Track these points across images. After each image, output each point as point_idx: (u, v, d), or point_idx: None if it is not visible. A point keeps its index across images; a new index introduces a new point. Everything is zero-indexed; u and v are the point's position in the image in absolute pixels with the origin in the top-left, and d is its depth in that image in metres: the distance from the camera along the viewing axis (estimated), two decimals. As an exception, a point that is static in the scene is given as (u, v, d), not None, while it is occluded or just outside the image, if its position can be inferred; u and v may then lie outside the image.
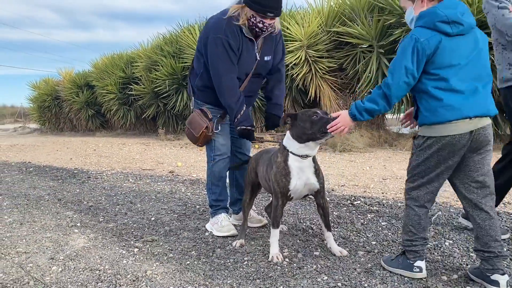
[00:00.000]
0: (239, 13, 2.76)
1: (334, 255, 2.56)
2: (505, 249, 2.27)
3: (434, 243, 2.70)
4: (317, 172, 2.54)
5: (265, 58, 2.97)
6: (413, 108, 2.30)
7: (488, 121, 2.07)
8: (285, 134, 2.58)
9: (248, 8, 2.71)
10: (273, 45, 2.99)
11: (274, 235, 2.57)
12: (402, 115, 2.49)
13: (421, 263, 2.20)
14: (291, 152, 2.47)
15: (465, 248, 2.60)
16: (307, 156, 2.47)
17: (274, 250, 2.54)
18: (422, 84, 2.06)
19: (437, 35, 2.00)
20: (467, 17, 2.04)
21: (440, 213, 3.36)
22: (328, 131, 2.30)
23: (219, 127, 3.02)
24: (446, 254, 2.53)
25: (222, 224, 3.05)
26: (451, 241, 2.73)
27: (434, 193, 2.21)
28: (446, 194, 4.04)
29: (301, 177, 2.48)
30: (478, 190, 2.11)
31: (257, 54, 2.91)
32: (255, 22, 2.75)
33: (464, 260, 2.43)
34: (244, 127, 2.85)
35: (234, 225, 3.12)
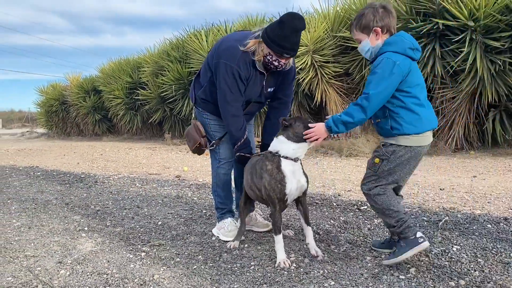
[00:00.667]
0: (256, 48, 2.76)
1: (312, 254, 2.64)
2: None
3: (441, 248, 2.69)
4: (304, 173, 2.65)
5: (269, 90, 2.99)
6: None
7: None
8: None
9: (266, 45, 2.71)
10: (280, 77, 2.99)
11: (279, 241, 2.57)
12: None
13: (420, 233, 2.33)
14: (283, 157, 2.52)
15: (473, 254, 2.58)
16: (298, 158, 2.56)
17: (281, 256, 2.55)
18: (400, 100, 2.31)
19: (407, 59, 2.30)
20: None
21: (447, 218, 3.35)
22: (304, 137, 2.48)
23: (214, 145, 3.07)
24: (453, 259, 2.51)
25: (228, 229, 3.07)
26: (458, 247, 2.71)
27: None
28: (454, 200, 4.03)
29: (293, 180, 2.54)
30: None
31: (263, 86, 2.93)
32: (271, 60, 2.76)
33: (472, 265, 2.42)
34: (243, 154, 2.91)
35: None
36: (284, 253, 2.56)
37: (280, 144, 2.55)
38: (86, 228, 3.44)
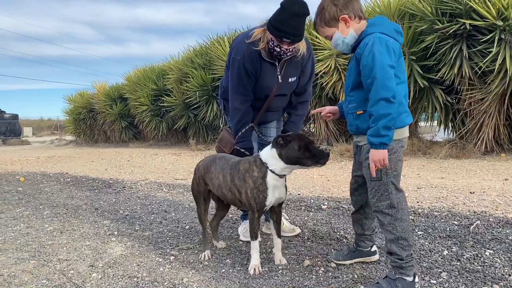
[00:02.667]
0: (261, 37, 2.80)
1: (275, 263, 2.64)
2: None
3: (473, 252, 2.63)
4: (285, 186, 2.59)
5: (290, 80, 2.97)
6: (331, 107, 2.51)
7: None
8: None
9: (268, 31, 2.75)
10: (299, 66, 2.98)
11: (254, 247, 2.54)
12: (323, 109, 2.52)
13: (417, 277, 2.16)
14: (270, 170, 2.44)
15: (507, 258, 2.52)
16: (284, 175, 2.48)
17: (255, 261, 2.53)
18: None
19: (396, 42, 2.10)
20: None
21: (478, 222, 3.27)
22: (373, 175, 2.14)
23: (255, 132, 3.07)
24: (487, 264, 2.45)
25: (247, 230, 3.12)
26: (491, 251, 2.65)
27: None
28: (485, 203, 3.93)
29: (275, 193, 2.49)
30: None
31: (279, 76, 2.91)
32: (272, 46, 2.77)
33: (506, 270, 2.35)
34: (238, 148, 2.94)
35: (266, 233, 3.15)
36: (258, 260, 2.55)
37: (270, 158, 2.45)
38: (115, 233, 3.50)
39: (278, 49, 2.77)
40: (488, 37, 6.54)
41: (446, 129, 8.44)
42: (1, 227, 3.82)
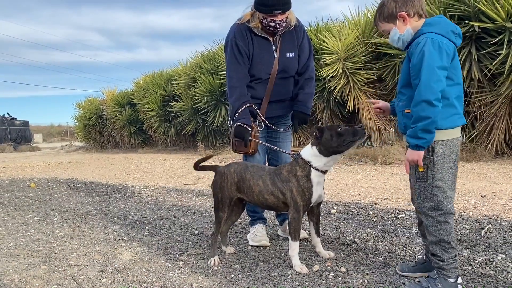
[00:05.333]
0: (251, 18, 2.95)
1: (325, 258, 2.74)
2: None
3: (485, 257, 2.60)
4: (323, 185, 2.69)
5: (287, 55, 3.04)
6: (384, 102, 2.49)
7: None
8: (296, 151, 2.75)
9: (258, 12, 2.88)
10: (295, 41, 3.06)
11: (294, 248, 2.61)
12: (376, 102, 2.51)
13: (460, 279, 2.16)
14: (314, 168, 2.55)
15: (520, 263, 2.49)
16: (327, 171, 2.60)
17: (298, 261, 2.60)
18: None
19: (450, 43, 2.06)
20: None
21: (490, 226, 3.24)
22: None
23: (262, 125, 3.09)
24: (499, 268, 2.43)
25: (256, 234, 3.15)
26: (503, 255, 2.62)
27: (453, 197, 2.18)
28: (496, 207, 3.89)
29: (318, 190, 2.59)
30: None
31: (274, 52, 3.00)
32: (267, 23, 2.90)
33: (519, 275, 2.32)
34: (240, 124, 2.92)
35: (280, 236, 3.16)
36: (299, 260, 2.61)
37: (312, 156, 2.57)
38: (125, 238, 3.52)
39: (272, 24, 2.89)
40: (497, 39, 6.49)
41: (456, 132, 8.36)
42: (12, 232, 3.86)
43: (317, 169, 2.55)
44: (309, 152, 2.59)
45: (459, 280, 2.13)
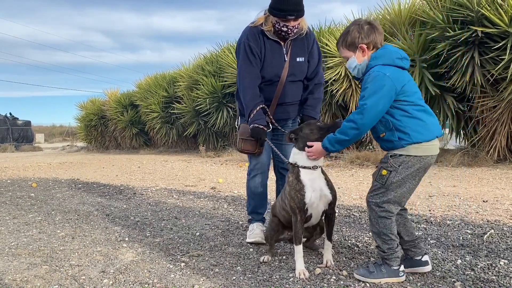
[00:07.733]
0: (264, 22, 2.99)
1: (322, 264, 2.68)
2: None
3: (487, 262, 2.60)
4: (329, 184, 2.62)
5: (297, 59, 3.09)
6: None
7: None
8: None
9: (272, 16, 2.92)
10: (305, 47, 3.11)
11: (298, 251, 2.58)
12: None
13: (402, 267, 2.34)
14: (301, 167, 2.56)
15: (522, 268, 2.48)
16: (316, 166, 2.56)
17: (300, 266, 2.55)
18: (401, 110, 2.26)
19: (397, 69, 2.28)
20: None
21: (492, 231, 3.23)
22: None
23: (270, 127, 3.12)
24: (501, 274, 2.42)
25: (252, 232, 3.21)
26: (506, 261, 2.61)
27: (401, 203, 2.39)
28: (499, 212, 3.88)
29: (315, 189, 2.54)
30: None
31: (285, 55, 3.05)
32: (279, 27, 2.93)
33: (521, 280, 2.32)
34: (257, 125, 2.95)
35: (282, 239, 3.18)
36: (302, 264, 2.56)
37: (295, 155, 2.62)
38: (126, 239, 3.52)
39: (285, 29, 2.93)
40: (500, 44, 6.49)
41: (458, 137, 8.37)
42: (14, 232, 3.86)
43: (304, 167, 2.55)
44: (292, 155, 2.63)
45: (402, 268, 2.33)
